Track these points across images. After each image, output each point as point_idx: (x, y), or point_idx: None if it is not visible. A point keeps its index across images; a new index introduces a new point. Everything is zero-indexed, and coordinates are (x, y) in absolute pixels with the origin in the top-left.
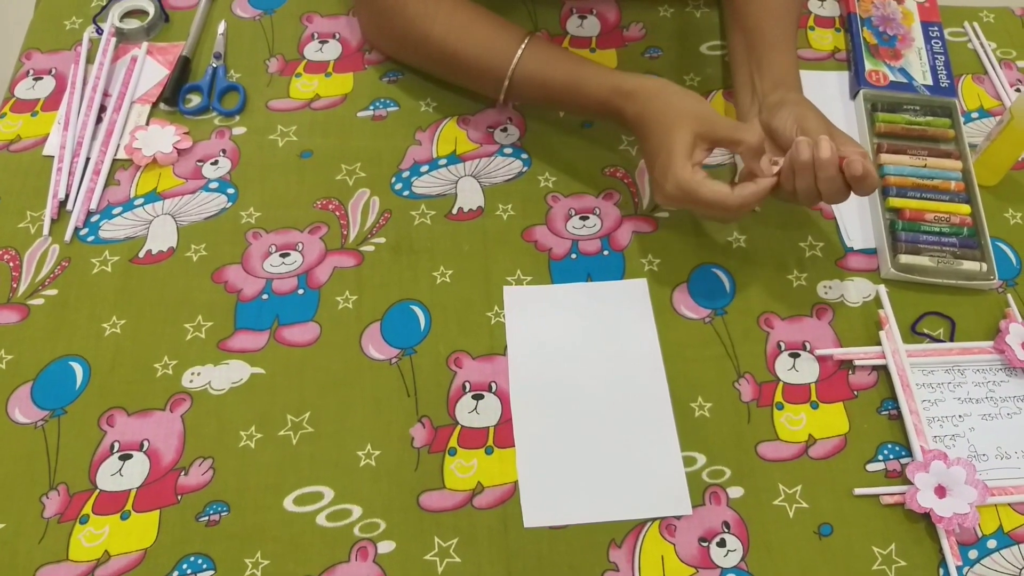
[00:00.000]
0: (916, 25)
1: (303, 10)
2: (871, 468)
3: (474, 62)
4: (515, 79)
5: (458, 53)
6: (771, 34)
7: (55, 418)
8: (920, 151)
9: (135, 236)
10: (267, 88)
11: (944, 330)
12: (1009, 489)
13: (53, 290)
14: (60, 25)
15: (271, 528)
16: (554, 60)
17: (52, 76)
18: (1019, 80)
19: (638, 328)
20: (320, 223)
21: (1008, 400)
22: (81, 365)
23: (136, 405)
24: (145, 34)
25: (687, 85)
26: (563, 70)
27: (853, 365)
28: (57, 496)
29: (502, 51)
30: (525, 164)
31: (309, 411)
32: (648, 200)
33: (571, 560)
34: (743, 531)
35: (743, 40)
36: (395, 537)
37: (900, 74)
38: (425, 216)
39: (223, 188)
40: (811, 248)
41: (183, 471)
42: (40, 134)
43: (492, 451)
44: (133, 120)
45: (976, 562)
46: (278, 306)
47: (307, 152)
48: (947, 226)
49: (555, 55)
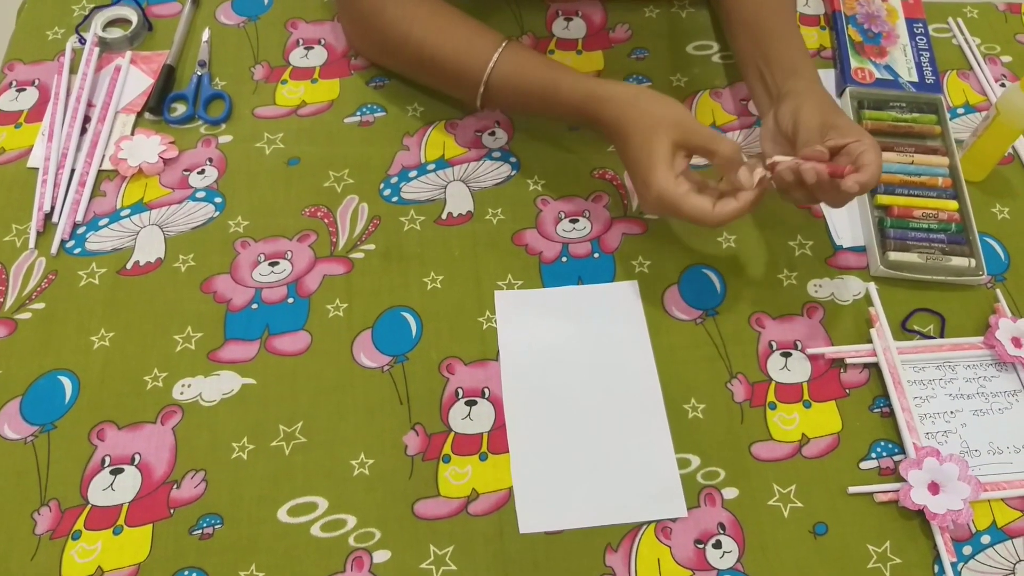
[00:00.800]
0: (901, 22)
1: (288, 16)
2: (864, 466)
3: (451, 66)
4: (491, 83)
5: (435, 57)
6: (771, 25)
7: (45, 433)
8: (907, 148)
9: (122, 247)
10: (253, 95)
11: (934, 326)
12: (1002, 484)
13: (40, 304)
14: (42, 35)
15: (265, 540)
16: (530, 65)
17: (35, 87)
18: (1004, 75)
19: (630, 331)
20: (309, 231)
21: (999, 395)
22: (70, 379)
23: (127, 418)
24: (128, 43)
25: (674, 86)
26: (539, 75)
27: (845, 363)
28: (49, 512)
29: (479, 55)
30: (514, 168)
31: (301, 421)
32: (636, 202)
33: (567, 565)
34: (738, 532)
35: (745, 38)
36: (390, 546)
37: (886, 71)
38: (414, 222)
39: (210, 197)
40: (801, 247)
41: (175, 484)
42: (24, 146)
43: (486, 457)
44: (118, 130)
45: (971, 558)
46: (268, 315)
47: (294, 159)
48: (935, 222)
49: (532, 60)
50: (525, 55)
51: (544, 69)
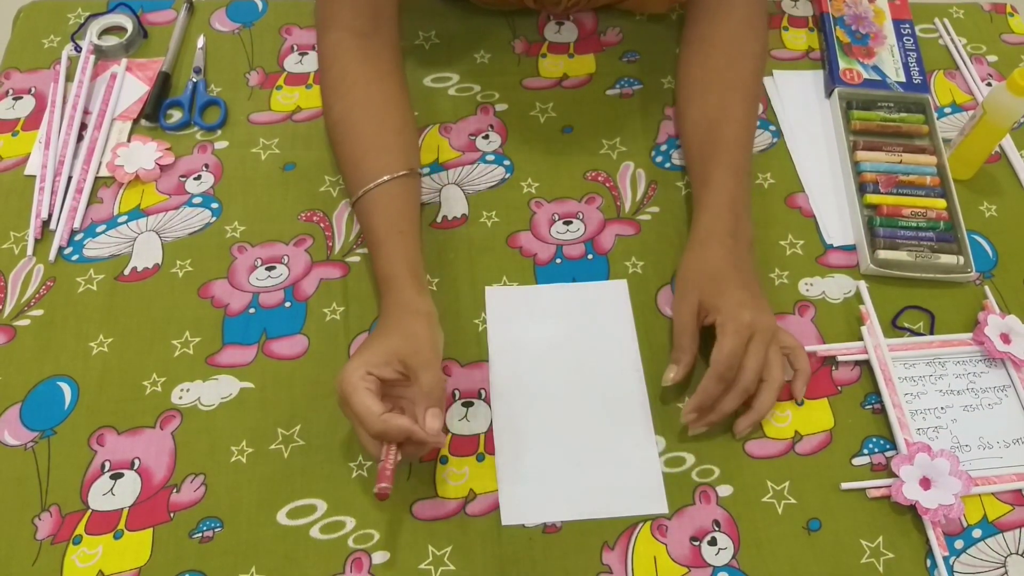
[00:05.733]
0: (888, 23)
1: (282, 23)
2: (857, 462)
3: (348, 157)
4: (357, 205)
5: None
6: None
7: (45, 439)
8: (895, 147)
9: (120, 254)
10: (248, 101)
11: (924, 324)
12: (992, 479)
13: (39, 310)
14: (38, 44)
15: (265, 543)
16: (385, 213)
17: (32, 95)
18: (990, 75)
19: (618, 328)
20: (305, 235)
21: (988, 391)
22: (69, 385)
23: (126, 423)
24: (124, 51)
25: (664, 88)
26: (383, 226)
27: (836, 361)
28: (49, 517)
29: (365, 168)
30: (508, 171)
31: (300, 424)
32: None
33: (564, 564)
34: (733, 529)
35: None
36: (389, 547)
37: (874, 72)
38: None
39: (207, 203)
40: (792, 246)
41: (175, 488)
42: (21, 153)
43: (483, 458)
44: (114, 137)
45: (962, 552)
46: (265, 320)
47: (290, 164)
48: (924, 221)
49: (392, 208)
50: (393, 200)
51: (389, 223)
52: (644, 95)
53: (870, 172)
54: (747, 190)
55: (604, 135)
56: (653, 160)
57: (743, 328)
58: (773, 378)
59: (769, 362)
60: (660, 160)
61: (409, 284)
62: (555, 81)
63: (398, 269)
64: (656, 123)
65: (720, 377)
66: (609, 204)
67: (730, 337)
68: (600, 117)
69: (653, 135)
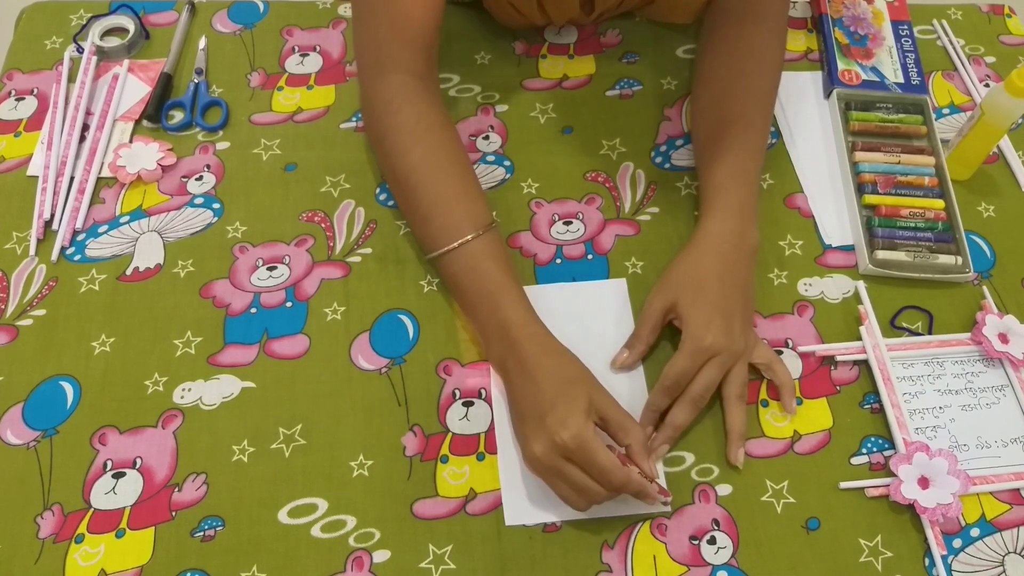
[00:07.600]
0: (886, 24)
1: (283, 24)
2: (855, 461)
3: (423, 211)
4: (440, 260)
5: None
6: (717, 134)
7: (47, 438)
8: (894, 148)
9: (122, 254)
10: (249, 102)
11: (922, 323)
12: (990, 478)
13: (41, 310)
14: (40, 45)
15: (266, 541)
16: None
17: (34, 96)
18: (988, 76)
19: (617, 328)
20: (306, 235)
21: (986, 390)
22: (72, 384)
23: (128, 423)
24: (126, 52)
25: (664, 89)
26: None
27: (835, 361)
28: (52, 516)
29: (450, 225)
30: (508, 171)
31: (301, 423)
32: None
33: (565, 563)
34: (732, 528)
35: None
36: (390, 546)
37: (872, 73)
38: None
39: (208, 203)
40: (790, 246)
41: (177, 487)
42: (24, 154)
43: (484, 457)
44: (116, 138)
45: (960, 551)
46: (267, 319)
47: (291, 165)
48: (922, 221)
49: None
50: (487, 256)
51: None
52: (644, 96)
53: (869, 173)
54: (756, 197)
55: (604, 136)
56: (653, 161)
57: (700, 352)
58: (729, 393)
59: (728, 379)
60: (660, 161)
61: (544, 328)
62: (555, 82)
63: (528, 315)
64: (656, 124)
65: (666, 391)
66: (609, 204)
67: (684, 357)
68: (600, 118)
69: (653, 136)
